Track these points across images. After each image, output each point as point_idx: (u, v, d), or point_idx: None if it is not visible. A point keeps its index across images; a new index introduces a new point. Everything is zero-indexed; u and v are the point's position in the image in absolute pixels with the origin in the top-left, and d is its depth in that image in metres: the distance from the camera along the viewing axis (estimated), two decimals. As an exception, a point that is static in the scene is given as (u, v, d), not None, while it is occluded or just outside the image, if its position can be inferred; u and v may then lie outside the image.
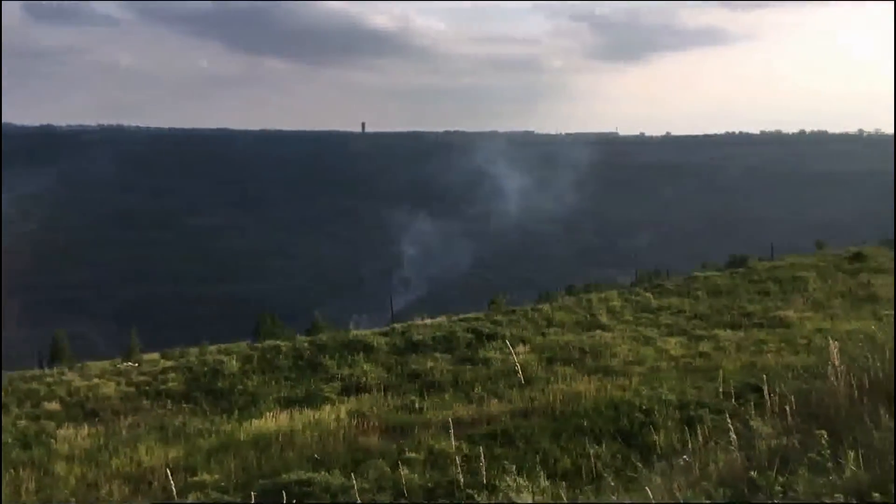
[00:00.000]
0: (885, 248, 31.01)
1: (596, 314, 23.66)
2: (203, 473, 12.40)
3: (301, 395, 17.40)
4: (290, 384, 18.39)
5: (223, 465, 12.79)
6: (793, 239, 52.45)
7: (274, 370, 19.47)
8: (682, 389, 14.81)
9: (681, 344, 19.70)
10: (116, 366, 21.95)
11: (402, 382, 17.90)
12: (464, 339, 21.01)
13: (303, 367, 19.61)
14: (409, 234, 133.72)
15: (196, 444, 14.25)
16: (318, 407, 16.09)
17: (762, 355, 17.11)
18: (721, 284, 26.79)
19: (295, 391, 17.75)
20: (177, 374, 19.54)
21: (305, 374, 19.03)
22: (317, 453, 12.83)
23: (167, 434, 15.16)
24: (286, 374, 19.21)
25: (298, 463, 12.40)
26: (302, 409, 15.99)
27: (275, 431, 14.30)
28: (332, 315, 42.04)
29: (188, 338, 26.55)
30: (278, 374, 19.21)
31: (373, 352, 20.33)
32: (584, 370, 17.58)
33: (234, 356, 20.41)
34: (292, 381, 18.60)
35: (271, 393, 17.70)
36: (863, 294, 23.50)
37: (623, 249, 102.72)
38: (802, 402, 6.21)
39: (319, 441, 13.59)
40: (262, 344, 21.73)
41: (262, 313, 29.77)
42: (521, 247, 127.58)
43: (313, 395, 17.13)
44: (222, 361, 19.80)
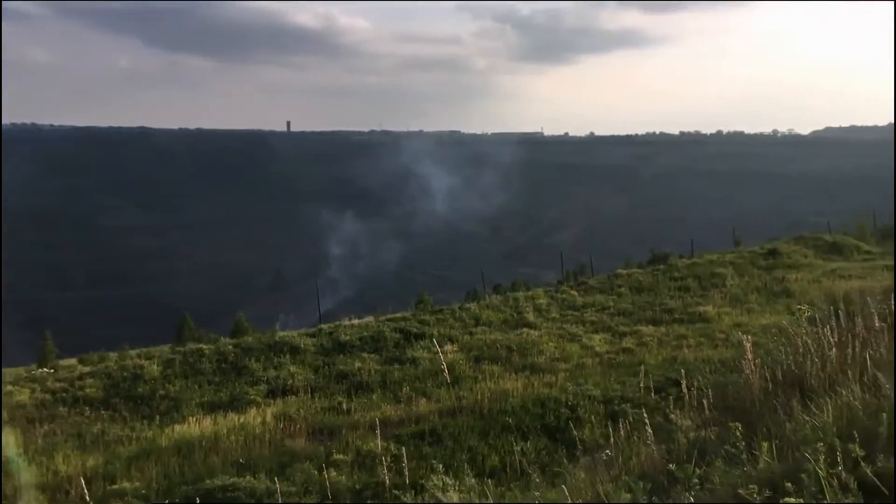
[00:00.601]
0: (798, 244, 32.15)
1: (523, 312, 23.87)
2: (123, 481, 12.03)
3: (225, 398, 17.07)
4: (214, 388, 18.01)
5: (144, 472, 12.44)
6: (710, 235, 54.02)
7: (197, 374, 19.03)
8: (607, 385, 15.08)
9: (605, 340, 20.04)
10: (31, 372, 21.14)
11: (329, 384, 17.74)
12: (392, 338, 20.95)
13: (227, 370, 19.23)
14: (335, 234, 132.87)
15: (115, 451, 13.83)
16: (243, 410, 15.81)
17: (682, 350, 17.54)
18: (643, 281, 27.35)
19: (219, 395, 17.40)
20: (95, 379, 18.91)
21: (230, 378, 18.66)
22: (242, 458, 12.59)
23: (85, 442, 14.68)
24: (210, 377, 18.79)
25: (223, 468, 12.15)
26: (226, 414, 15.69)
27: (198, 437, 13.98)
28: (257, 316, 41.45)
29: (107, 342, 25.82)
30: (201, 377, 18.78)
31: (299, 353, 20.08)
32: (512, 368, 17.73)
33: (155, 360, 19.89)
34: (216, 385, 18.21)
35: (194, 397, 17.30)
36: (777, 289, 24.31)
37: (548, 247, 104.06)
38: (719, 395, 6.40)
39: (244, 445, 13.34)
40: (184, 347, 21.22)
41: (183, 316, 29.10)
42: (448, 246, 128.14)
43: (238, 399, 16.82)
44: (142, 366, 19.27)
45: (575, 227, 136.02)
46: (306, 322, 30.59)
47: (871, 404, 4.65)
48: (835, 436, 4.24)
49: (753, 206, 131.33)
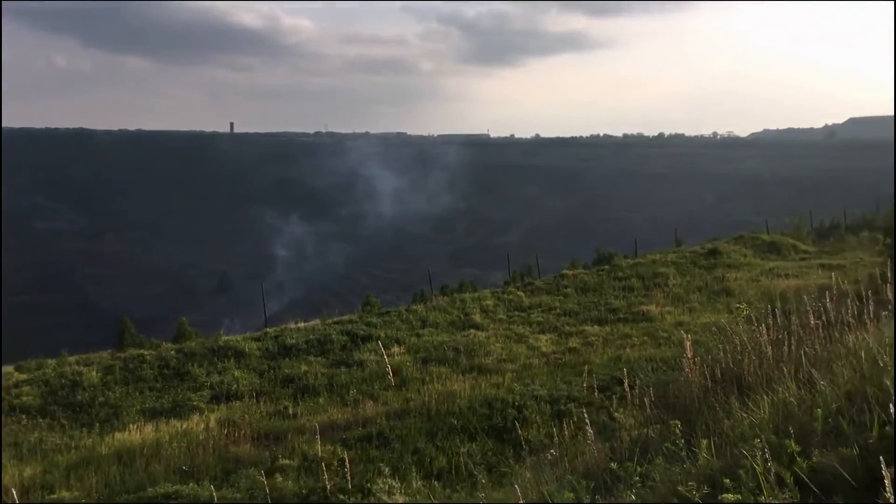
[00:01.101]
0: (737, 244, 32.87)
1: (470, 314, 23.96)
2: (62, 491, 11.75)
3: (167, 405, 16.75)
4: (156, 394, 17.66)
5: (84, 481, 12.16)
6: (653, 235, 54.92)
7: (138, 380, 18.63)
8: (553, 385, 15.24)
9: (551, 340, 20.24)
10: (-36, 381, 20.44)
11: (275, 388, 17.55)
12: (338, 341, 20.82)
13: (169, 376, 18.87)
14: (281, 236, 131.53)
15: (54, 460, 13.48)
16: (185, 417, 15.56)
17: (627, 349, 17.82)
18: (588, 281, 27.68)
19: (161, 401, 17.06)
20: (32, 387, 18.38)
21: (172, 384, 18.32)
22: (185, 465, 12.39)
23: (22, 451, 14.27)
24: (151, 384, 18.42)
25: (165, 476, 11.94)
26: (168, 420, 15.42)
27: (139, 444, 13.71)
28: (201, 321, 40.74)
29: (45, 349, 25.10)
30: (143, 384, 18.40)
31: (244, 358, 19.82)
32: (459, 369, 17.79)
33: (95, 367, 19.42)
34: (158, 392, 17.86)
35: (135, 404, 16.94)
36: (718, 288, 24.83)
37: (495, 249, 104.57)
38: (661, 394, 6.52)
39: (188, 452, 13.13)
40: (124, 353, 20.76)
41: (124, 321, 28.45)
42: (395, 247, 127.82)
43: (181, 405, 16.52)
44: (81, 373, 18.79)
45: (521, 228, 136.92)
46: (252, 326, 30.18)
47: (806, 400, 4.78)
48: (771, 432, 4.35)
49: (694, 207, 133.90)
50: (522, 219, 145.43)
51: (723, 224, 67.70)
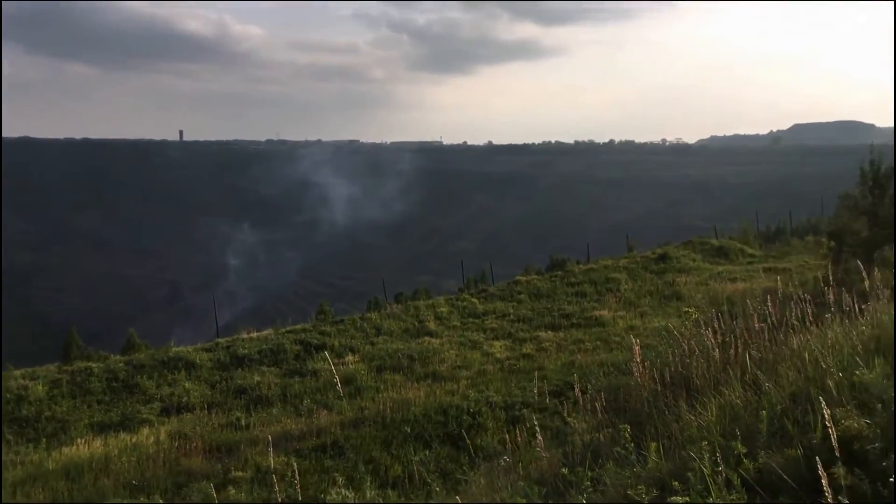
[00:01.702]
0: (687, 249, 33.40)
1: (424, 321, 23.95)
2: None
3: (116, 418, 16.40)
4: (104, 408, 17.28)
5: (31, 497, 11.87)
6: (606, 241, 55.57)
7: (86, 394, 18.21)
8: (508, 391, 15.31)
9: (506, 346, 20.32)
10: None
11: (227, 399, 17.30)
12: (292, 351, 20.64)
13: (118, 388, 18.49)
14: (232, 244, 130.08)
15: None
16: (135, 430, 15.25)
17: (580, 354, 17.98)
18: (542, 287, 27.87)
19: (109, 415, 16.70)
20: (-25, 403, 17.86)
21: (121, 397, 17.95)
22: (135, 479, 12.15)
23: (-37, 469, 13.84)
24: (99, 397, 18.02)
25: (115, 491, 11.71)
26: (118, 434, 15.10)
27: (88, 459, 13.40)
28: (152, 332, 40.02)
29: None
30: (91, 397, 17.99)
31: (195, 369, 19.51)
32: (414, 377, 17.77)
33: (41, 380, 18.92)
34: (106, 405, 17.48)
35: (83, 418, 16.55)
36: (668, 292, 25.21)
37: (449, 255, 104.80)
38: (612, 398, 6.59)
39: (138, 466, 12.88)
40: (71, 366, 20.28)
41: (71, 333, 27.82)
42: (349, 255, 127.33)
43: (130, 418, 16.19)
44: (27, 387, 18.30)
45: (475, 234, 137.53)
46: (203, 336, 29.74)
47: (752, 402, 4.87)
48: (719, 434, 4.43)
49: (645, 212, 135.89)
50: (476, 225, 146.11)
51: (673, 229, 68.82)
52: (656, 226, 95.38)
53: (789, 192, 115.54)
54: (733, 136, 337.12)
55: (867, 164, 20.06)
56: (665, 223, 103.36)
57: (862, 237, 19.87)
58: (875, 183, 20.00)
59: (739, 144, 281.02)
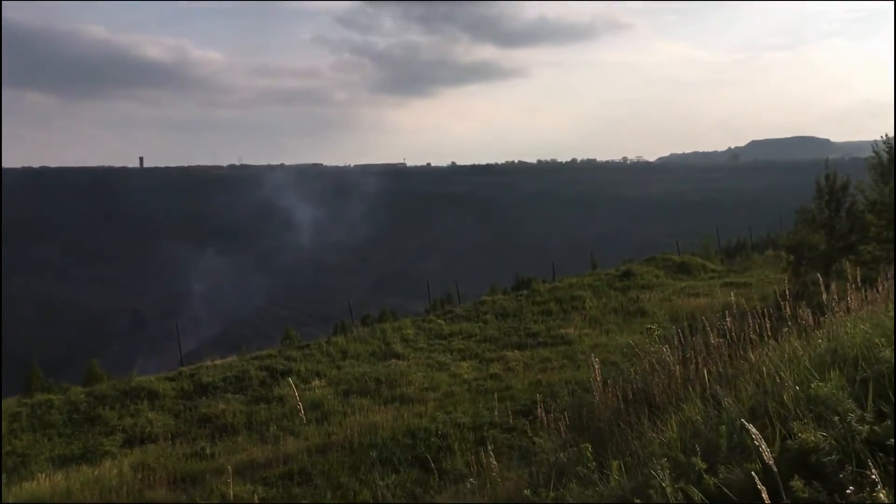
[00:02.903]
0: (650, 265, 33.74)
1: (390, 343, 23.87)
2: (-37, 550, 11.13)
3: (78, 451, 16.08)
4: (66, 441, 16.94)
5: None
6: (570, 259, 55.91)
7: (46, 427, 17.84)
8: (476, 411, 15.29)
9: (473, 367, 20.31)
10: None
11: (191, 429, 17.05)
12: (257, 377, 20.44)
13: (79, 420, 18.14)
14: (196, 271, 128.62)
15: (-45, 516, 12.78)
16: (97, 463, 14.95)
17: (547, 373, 18.03)
18: (508, 307, 27.93)
19: (71, 448, 16.37)
20: (-69, 440, 17.40)
21: (82, 429, 17.61)
22: (97, 514, 11.92)
23: (-81, 509, 13.47)
24: (60, 429, 17.66)
25: (77, 527, 11.46)
26: (79, 467, 14.79)
27: (49, 493, 13.10)
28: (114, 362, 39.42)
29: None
30: (51, 430, 17.63)
31: (158, 398, 19.22)
32: (381, 400, 17.67)
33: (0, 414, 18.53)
34: (67, 438, 17.14)
35: (44, 452, 16.20)
36: (633, 309, 25.40)
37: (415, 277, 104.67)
38: (576, 417, 6.63)
39: (100, 499, 12.63)
40: (31, 399, 19.88)
41: (31, 364, 27.30)
42: (314, 279, 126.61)
43: (92, 451, 15.89)
44: (-15, 422, 17.90)
45: (441, 255, 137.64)
46: (168, 365, 29.35)
47: (712, 417, 4.94)
48: (679, 450, 4.47)
49: (608, 230, 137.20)
50: (442, 246, 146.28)
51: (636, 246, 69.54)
52: (620, 243, 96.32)
53: (749, 206, 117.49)
54: (693, 154, 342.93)
55: (823, 179, 20.51)
56: (628, 240, 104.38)
57: (820, 250, 20.27)
58: (831, 197, 20.44)
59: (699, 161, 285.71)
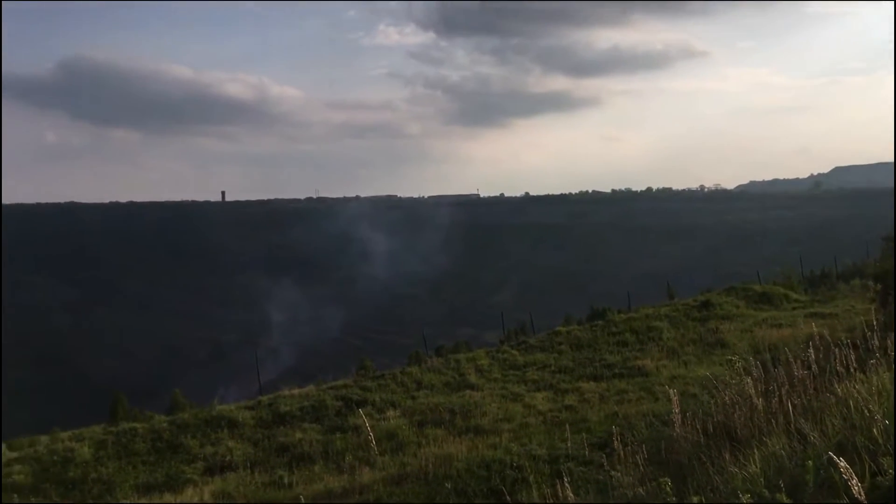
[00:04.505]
0: (730, 296, 32.95)
1: (465, 374, 23.84)
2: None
3: (161, 479, 16.50)
4: (149, 468, 17.41)
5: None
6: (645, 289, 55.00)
7: (131, 455, 18.38)
8: (551, 443, 15.10)
9: (547, 398, 20.10)
10: (-46, 461, 20.12)
11: (269, 457, 17.32)
12: (333, 407, 20.66)
13: (162, 448, 18.63)
14: (274, 302, 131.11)
15: (45, 541, 13.24)
16: (179, 490, 15.32)
17: (623, 405, 17.71)
18: (582, 337, 27.60)
19: (154, 475, 16.81)
20: (23, 465, 18.10)
21: (165, 457, 18.08)
22: (180, 540, 12.19)
23: (12, 533, 14.01)
24: (144, 457, 18.17)
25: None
26: (162, 494, 15.18)
27: (134, 520, 13.50)
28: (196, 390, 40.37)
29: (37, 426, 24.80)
30: (136, 458, 18.15)
31: (238, 427, 19.61)
32: (455, 431, 17.62)
33: (87, 442, 19.17)
34: (151, 465, 17.61)
35: (128, 479, 16.68)
36: (712, 340, 24.81)
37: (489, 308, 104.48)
38: (654, 450, 6.50)
39: (183, 527, 12.93)
40: (117, 427, 20.53)
41: (116, 394, 28.23)
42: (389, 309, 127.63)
43: (174, 479, 16.28)
44: (73, 449, 18.55)
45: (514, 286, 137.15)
46: (247, 394, 29.97)
47: (798, 452, 4.79)
48: (763, 486, 4.35)
49: (685, 259, 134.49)
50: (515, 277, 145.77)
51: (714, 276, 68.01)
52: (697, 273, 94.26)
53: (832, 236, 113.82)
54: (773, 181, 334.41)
55: (911, 206, 19.78)
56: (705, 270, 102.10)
57: (909, 280, 19.47)
58: (920, 224, 19.68)
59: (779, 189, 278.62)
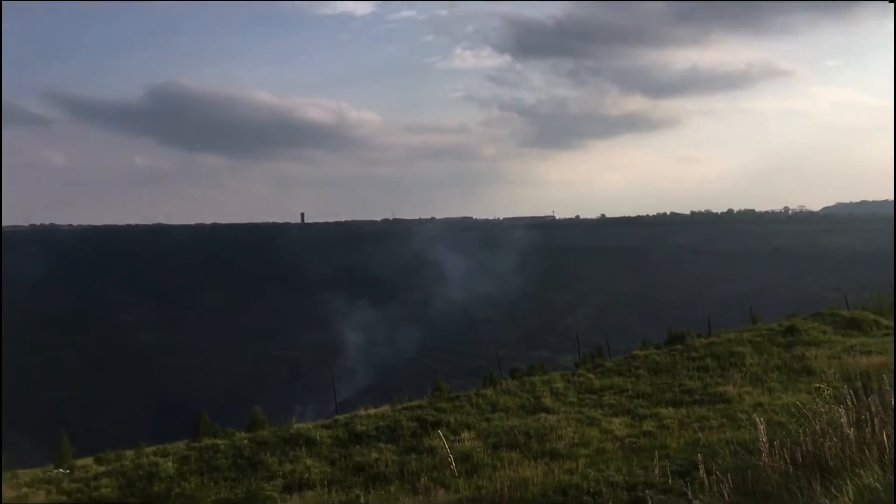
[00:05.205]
0: (816, 321, 31.90)
1: (540, 397, 23.65)
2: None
3: (241, 495, 16.83)
4: (230, 484, 17.78)
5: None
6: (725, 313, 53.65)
7: (213, 470, 18.82)
8: (629, 470, 14.81)
9: (625, 423, 19.76)
10: (47, 473, 20.97)
11: (346, 476, 17.48)
12: (408, 427, 20.75)
13: (243, 465, 19.02)
14: (350, 322, 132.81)
15: (131, 552, 13.63)
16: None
17: (705, 432, 17.27)
18: (661, 362, 27.11)
19: (235, 491, 17.16)
20: (110, 479, 18.73)
21: (246, 473, 18.44)
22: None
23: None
24: (226, 473, 18.57)
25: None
26: (243, 510, 15.49)
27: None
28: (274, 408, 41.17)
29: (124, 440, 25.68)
30: (217, 474, 18.57)
31: (315, 446, 19.87)
32: (531, 454, 17.46)
33: (171, 457, 19.72)
34: (232, 482, 17.98)
35: (210, 495, 17.07)
36: (798, 367, 24.03)
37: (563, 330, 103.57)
38: (740, 480, 6.31)
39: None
40: (199, 443, 21.06)
41: (199, 411, 28.99)
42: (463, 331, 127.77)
43: (254, 495, 16.58)
44: (158, 463, 19.11)
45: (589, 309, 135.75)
46: (324, 412, 30.42)
47: (892, 484, 4.60)
48: (857, 519, 4.19)
49: (767, 283, 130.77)
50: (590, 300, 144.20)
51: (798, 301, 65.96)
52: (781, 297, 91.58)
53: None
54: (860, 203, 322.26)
55: None
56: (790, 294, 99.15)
57: None
58: None
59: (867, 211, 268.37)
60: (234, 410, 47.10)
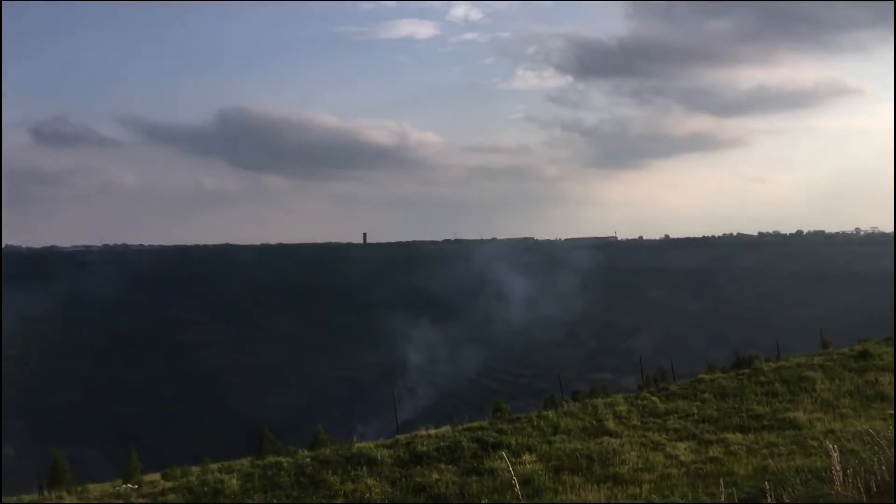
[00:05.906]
0: (890, 345, 30.84)
1: (602, 420, 23.31)
2: None
3: (304, 513, 17.00)
4: (293, 502, 17.97)
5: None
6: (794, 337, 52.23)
7: (276, 488, 19.02)
8: (695, 496, 14.50)
9: (690, 449, 19.33)
10: (116, 488, 21.51)
11: (407, 496, 17.48)
12: (469, 448, 20.65)
13: (305, 483, 19.18)
14: (412, 342, 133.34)
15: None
16: (322, 526, 15.70)
17: (773, 459, 16.80)
18: (727, 386, 26.48)
19: (297, 509, 17.33)
20: (177, 494, 19.10)
21: (308, 491, 18.59)
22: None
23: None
24: (288, 491, 18.75)
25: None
26: (305, 529, 15.61)
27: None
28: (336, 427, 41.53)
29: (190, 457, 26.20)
30: (280, 492, 18.76)
31: (376, 465, 19.92)
32: (593, 479, 17.21)
33: (235, 474, 20.02)
34: (294, 499, 18.14)
35: (272, 512, 17.28)
36: (871, 393, 23.21)
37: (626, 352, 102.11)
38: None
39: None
40: (263, 461, 21.34)
41: (264, 428, 29.44)
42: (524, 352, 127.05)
43: (316, 513, 16.73)
44: (223, 480, 19.41)
45: (652, 331, 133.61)
46: (384, 431, 30.56)
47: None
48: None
49: (838, 306, 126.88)
50: (654, 322, 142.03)
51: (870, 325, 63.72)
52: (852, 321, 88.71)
53: None
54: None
55: None
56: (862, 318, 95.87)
57: None
58: None
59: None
60: (297, 428, 47.66)
